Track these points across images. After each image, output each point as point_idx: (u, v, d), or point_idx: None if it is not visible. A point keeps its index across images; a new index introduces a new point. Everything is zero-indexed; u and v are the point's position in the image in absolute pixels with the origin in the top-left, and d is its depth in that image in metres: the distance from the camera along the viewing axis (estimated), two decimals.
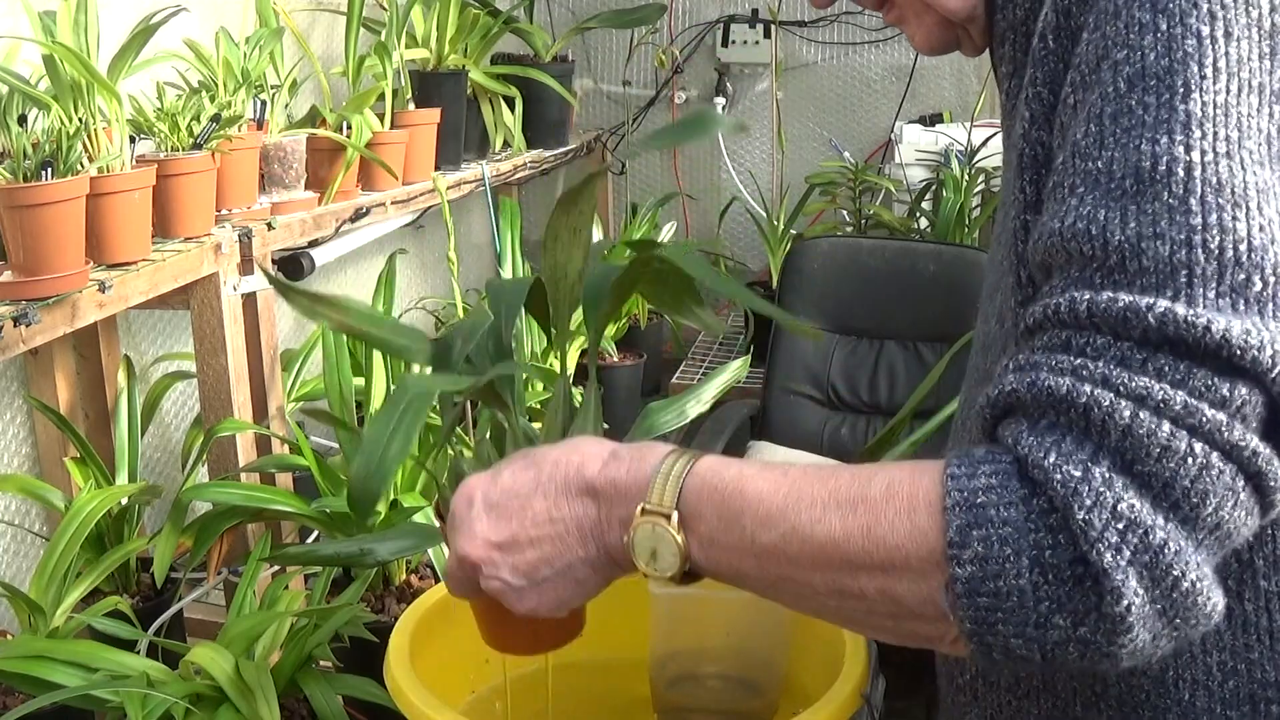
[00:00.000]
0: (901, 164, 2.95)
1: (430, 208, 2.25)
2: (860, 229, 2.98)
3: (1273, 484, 0.61)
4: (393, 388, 0.80)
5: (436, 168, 2.23)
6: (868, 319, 2.51)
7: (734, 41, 3.21)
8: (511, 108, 2.60)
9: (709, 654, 1.02)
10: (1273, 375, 0.61)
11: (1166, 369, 0.61)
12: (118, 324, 1.76)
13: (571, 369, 2.60)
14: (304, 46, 2.01)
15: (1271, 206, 0.63)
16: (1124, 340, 0.63)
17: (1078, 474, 0.61)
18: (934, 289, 2.41)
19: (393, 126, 2.07)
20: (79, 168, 1.36)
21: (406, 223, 2.40)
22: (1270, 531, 0.70)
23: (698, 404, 1.74)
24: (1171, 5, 0.67)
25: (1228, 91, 0.65)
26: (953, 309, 2.35)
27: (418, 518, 1.59)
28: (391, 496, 1.63)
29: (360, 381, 1.75)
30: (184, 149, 1.56)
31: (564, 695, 1.10)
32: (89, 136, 1.39)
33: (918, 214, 2.91)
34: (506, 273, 2.18)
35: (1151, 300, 0.62)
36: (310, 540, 1.70)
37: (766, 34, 3.17)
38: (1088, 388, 0.62)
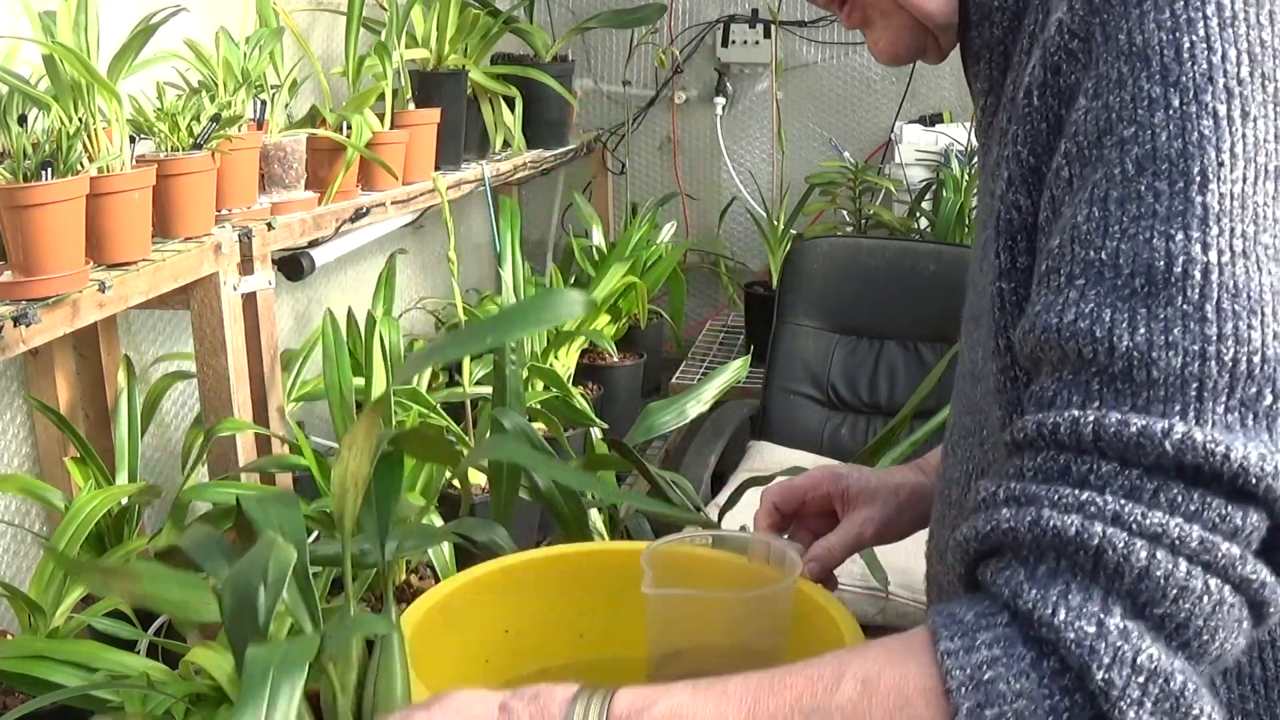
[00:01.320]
0: (901, 164, 2.95)
1: (430, 208, 2.25)
2: (860, 229, 2.98)
3: (1272, 610, 0.59)
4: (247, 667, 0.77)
5: (436, 168, 2.23)
6: (868, 319, 2.51)
7: (734, 41, 3.21)
8: (511, 108, 2.60)
9: (709, 653, 1.02)
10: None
11: (1180, 500, 0.58)
12: (118, 324, 1.76)
13: (571, 368, 2.60)
14: (304, 46, 2.01)
15: None
16: (1133, 467, 0.59)
17: (1091, 630, 0.57)
18: (934, 289, 2.41)
19: (393, 126, 2.07)
20: (79, 168, 1.36)
21: (406, 223, 2.40)
22: None
23: (698, 404, 1.74)
24: (1185, 79, 0.61)
25: (1244, 180, 0.60)
26: (953, 309, 2.33)
27: None
28: None
29: (360, 381, 1.75)
30: (184, 149, 1.56)
31: None
32: (89, 136, 1.39)
33: (918, 214, 2.91)
34: (506, 273, 2.18)
35: (1167, 423, 0.58)
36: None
37: (766, 34, 3.17)
38: (1099, 527, 0.58)
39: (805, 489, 1.03)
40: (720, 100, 3.26)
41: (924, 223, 2.89)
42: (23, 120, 1.36)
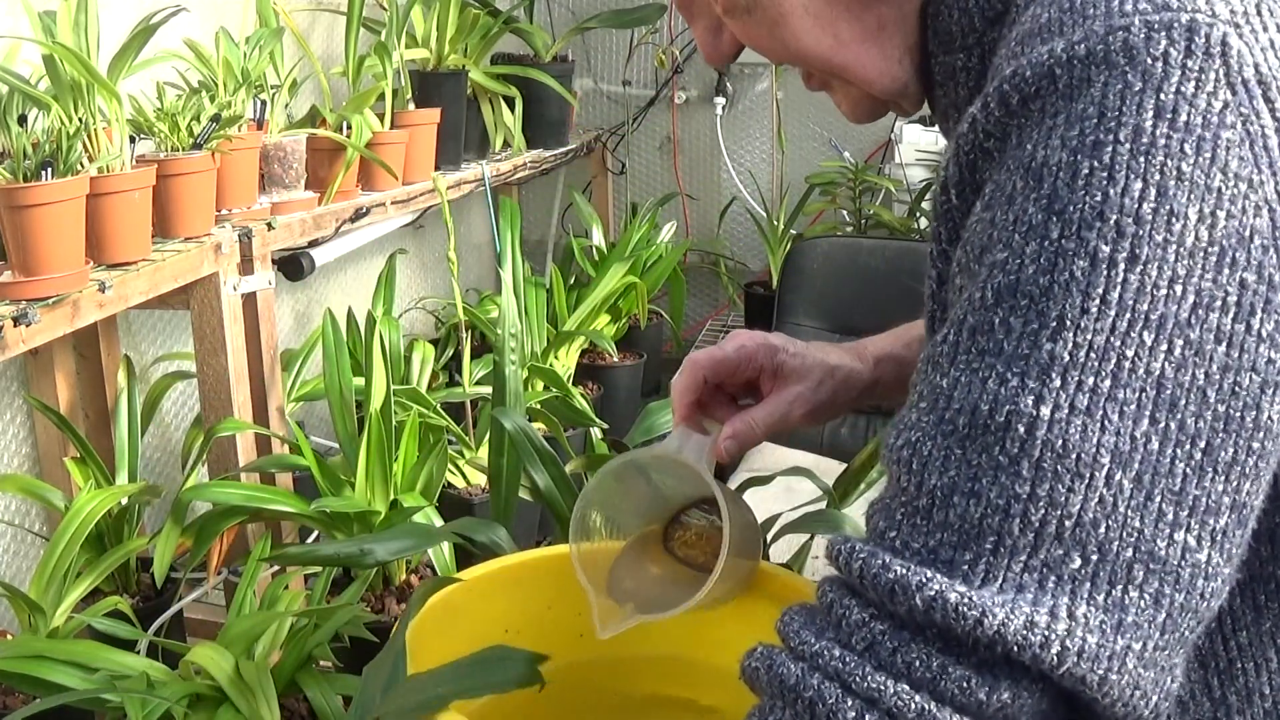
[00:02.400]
0: (901, 164, 2.95)
1: (430, 208, 2.25)
2: (860, 229, 2.98)
3: None
4: None
5: (436, 168, 2.23)
6: (868, 319, 2.51)
7: None
8: (511, 108, 2.60)
9: None
10: (1059, 672, 0.55)
11: (918, 663, 0.56)
12: (118, 324, 1.76)
13: (571, 368, 2.60)
14: (304, 46, 2.01)
15: (1127, 471, 0.55)
16: (884, 619, 0.57)
17: None
18: None
19: (393, 126, 2.07)
20: (79, 168, 1.36)
21: (406, 223, 2.40)
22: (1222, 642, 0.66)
23: None
24: (1071, 209, 0.55)
25: (1113, 331, 0.54)
26: None
27: (418, 518, 1.59)
28: (391, 496, 1.63)
29: (360, 381, 1.75)
30: (184, 149, 1.56)
31: (564, 693, 1.10)
32: (89, 136, 1.39)
33: (918, 214, 2.91)
34: (506, 273, 2.18)
35: (924, 576, 0.55)
36: (310, 540, 1.70)
37: None
38: (815, 680, 0.57)
39: (738, 362, 0.94)
40: (720, 100, 3.26)
41: (924, 223, 2.89)
42: (23, 120, 1.36)
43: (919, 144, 2.94)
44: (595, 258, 2.86)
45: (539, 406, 1.95)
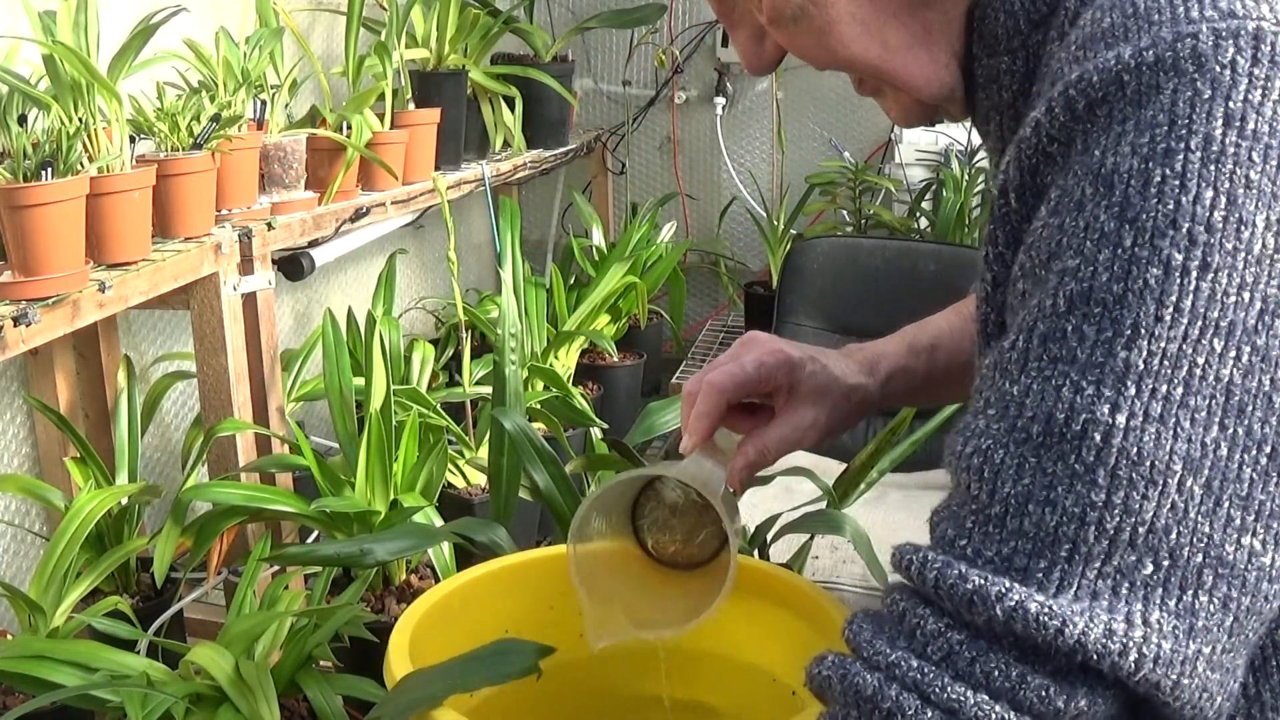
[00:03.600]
0: (901, 164, 2.95)
1: (430, 208, 2.25)
2: (860, 229, 2.98)
3: None
4: None
5: (436, 168, 2.23)
6: (868, 319, 2.51)
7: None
8: (511, 108, 2.60)
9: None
10: (1136, 678, 0.55)
11: (996, 673, 0.56)
12: (118, 324, 1.76)
13: (571, 368, 2.60)
14: (304, 46, 2.01)
15: (1197, 477, 0.55)
16: (961, 628, 0.58)
17: None
18: (934, 289, 2.41)
19: (393, 126, 2.07)
20: (79, 168, 1.36)
21: (406, 223, 2.40)
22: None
23: None
24: (1144, 217, 0.56)
25: (1185, 339, 0.55)
26: None
27: (418, 518, 1.59)
28: (391, 496, 1.63)
29: (360, 381, 1.75)
30: (184, 149, 1.56)
31: (564, 692, 1.10)
32: (89, 136, 1.39)
33: (918, 214, 2.91)
34: (506, 273, 2.18)
35: (1004, 586, 0.56)
36: (310, 540, 1.70)
37: None
38: (893, 691, 0.57)
39: (758, 381, 0.91)
40: (720, 100, 3.26)
41: (924, 223, 2.89)
42: (23, 120, 1.36)
43: (919, 144, 2.94)
44: (595, 258, 2.86)
45: (539, 406, 1.95)
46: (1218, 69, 0.57)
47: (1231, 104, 0.56)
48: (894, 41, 0.73)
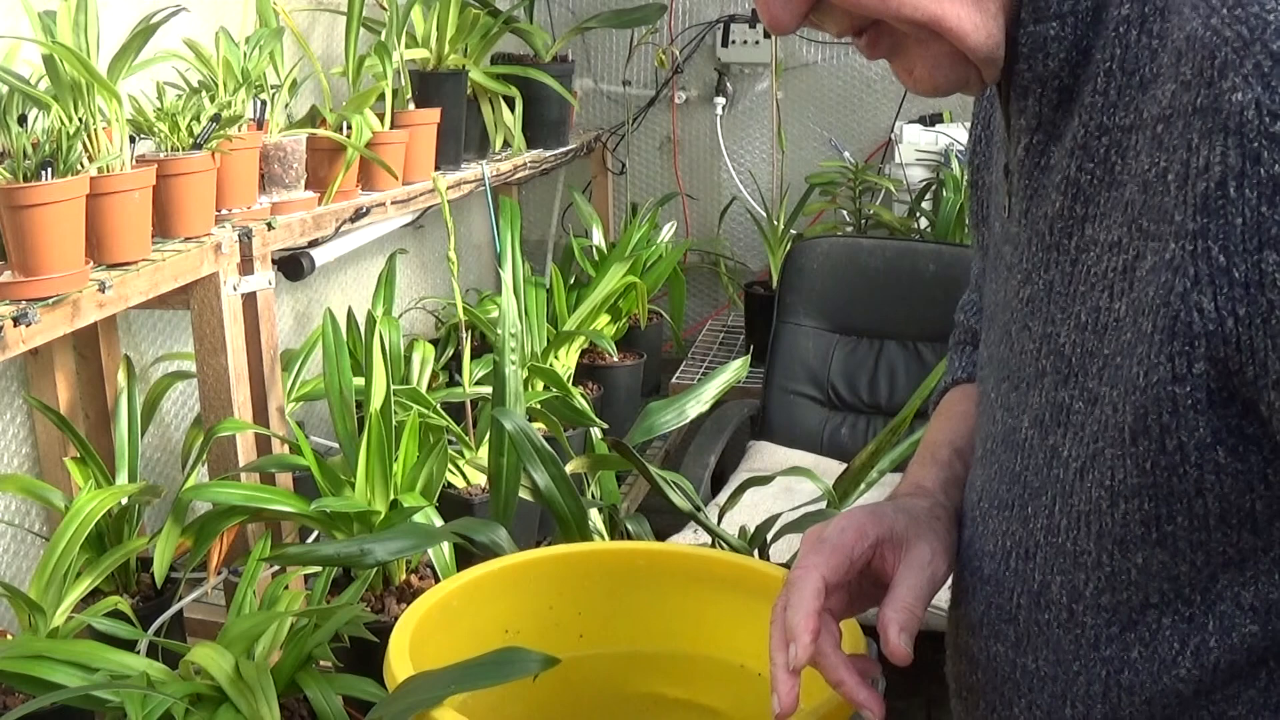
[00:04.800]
0: (901, 164, 2.95)
1: (430, 208, 2.25)
2: (860, 229, 2.97)
3: None
4: None
5: (436, 168, 2.23)
6: (868, 319, 2.51)
7: (734, 41, 3.21)
8: (511, 108, 2.60)
9: None
10: None
11: None
12: (118, 324, 1.76)
13: (571, 368, 2.60)
14: (304, 46, 2.01)
15: None
16: None
17: None
18: (934, 289, 2.41)
19: (393, 126, 2.07)
20: (79, 168, 1.36)
21: (406, 223, 2.40)
22: None
23: (698, 404, 1.74)
24: None
25: None
26: (953, 309, 2.35)
27: (418, 518, 1.59)
28: (391, 496, 1.63)
29: (360, 381, 1.75)
30: (184, 149, 1.56)
31: (564, 693, 1.10)
32: (89, 136, 1.39)
33: (918, 214, 2.91)
34: (506, 273, 2.18)
35: None
36: (310, 540, 1.70)
37: (766, 34, 3.17)
38: None
39: (851, 545, 0.80)
40: (720, 100, 3.26)
41: (924, 223, 2.89)
42: (23, 120, 1.36)
43: (919, 144, 2.94)
44: (595, 258, 2.86)
45: (539, 406, 1.95)
46: None
47: None
48: None
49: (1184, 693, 0.70)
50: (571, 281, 2.74)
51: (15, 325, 1.25)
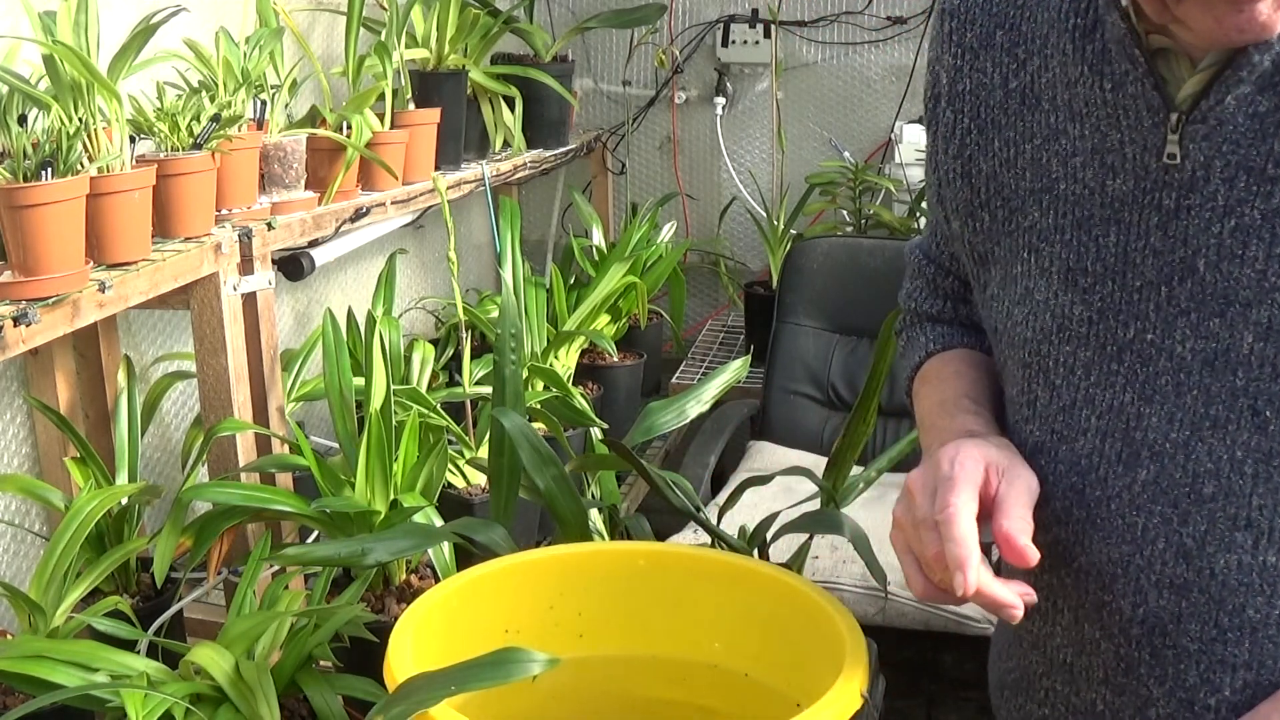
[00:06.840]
0: (901, 164, 2.95)
1: (430, 208, 2.25)
2: (860, 229, 2.97)
3: None
4: None
5: (436, 168, 2.23)
6: (868, 319, 2.51)
7: (734, 41, 3.21)
8: (511, 108, 2.60)
9: None
10: None
11: None
12: (118, 324, 1.76)
13: (571, 368, 2.60)
14: (304, 46, 2.01)
15: None
16: None
17: None
18: None
19: (393, 126, 2.07)
20: (79, 168, 1.36)
21: (406, 223, 2.40)
22: None
23: (698, 404, 1.74)
24: None
25: None
26: None
27: (418, 518, 1.59)
28: (391, 496, 1.63)
29: (360, 381, 1.75)
30: (184, 149, 1.56)
31: (564, 692, 1.10)
32: (89, 136, 1.39)
33: (918, 214, 2.90)
34: (506, 273, 2.18)
35: None
36: (310, 540, 1.70)
37: (766, 34, 3.17)
38: None
39: (976, 476, 0.83)
40: (720, 100, 3.26)
41: (924, 223, 2.89)
42: (23, 120, 1.36)
43: (919, 144, 2.94)
44: (595, 258, 2.86)
45: (539, 406, 1.95)
46: None
47: None
48: None
49: None
50: (571, 281, 2.74)
51: (15, 325, 1.25)
